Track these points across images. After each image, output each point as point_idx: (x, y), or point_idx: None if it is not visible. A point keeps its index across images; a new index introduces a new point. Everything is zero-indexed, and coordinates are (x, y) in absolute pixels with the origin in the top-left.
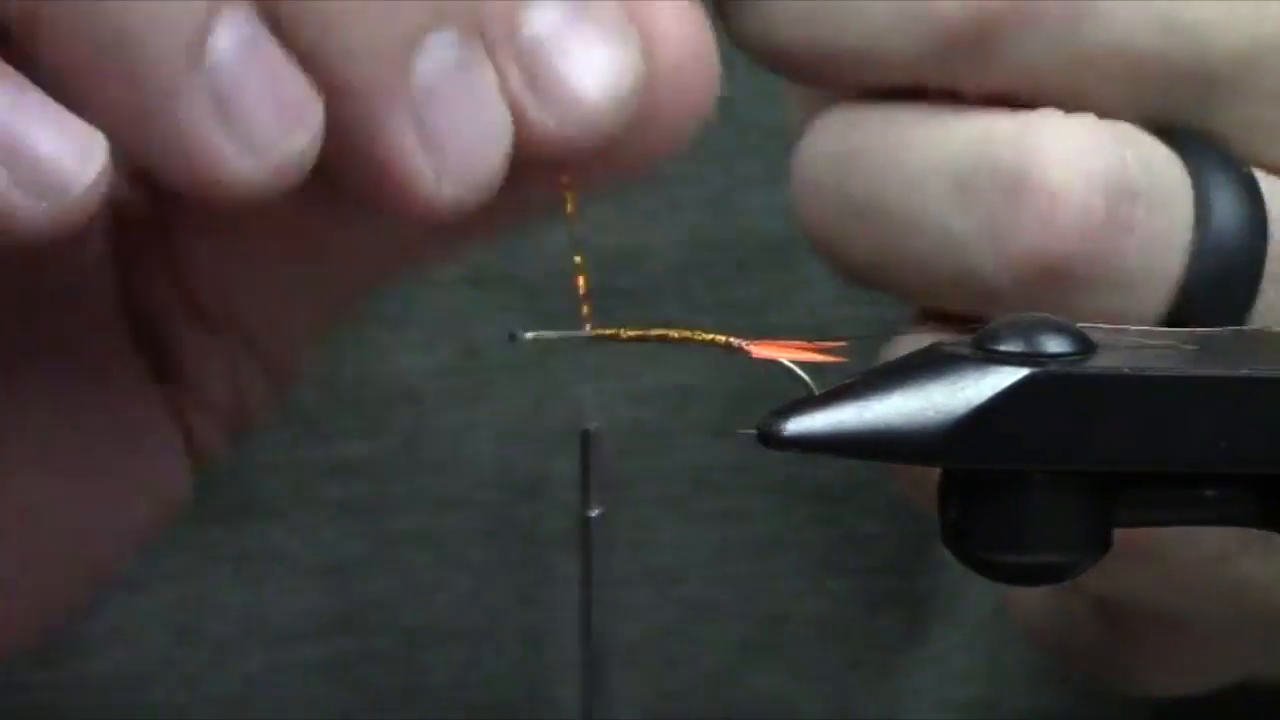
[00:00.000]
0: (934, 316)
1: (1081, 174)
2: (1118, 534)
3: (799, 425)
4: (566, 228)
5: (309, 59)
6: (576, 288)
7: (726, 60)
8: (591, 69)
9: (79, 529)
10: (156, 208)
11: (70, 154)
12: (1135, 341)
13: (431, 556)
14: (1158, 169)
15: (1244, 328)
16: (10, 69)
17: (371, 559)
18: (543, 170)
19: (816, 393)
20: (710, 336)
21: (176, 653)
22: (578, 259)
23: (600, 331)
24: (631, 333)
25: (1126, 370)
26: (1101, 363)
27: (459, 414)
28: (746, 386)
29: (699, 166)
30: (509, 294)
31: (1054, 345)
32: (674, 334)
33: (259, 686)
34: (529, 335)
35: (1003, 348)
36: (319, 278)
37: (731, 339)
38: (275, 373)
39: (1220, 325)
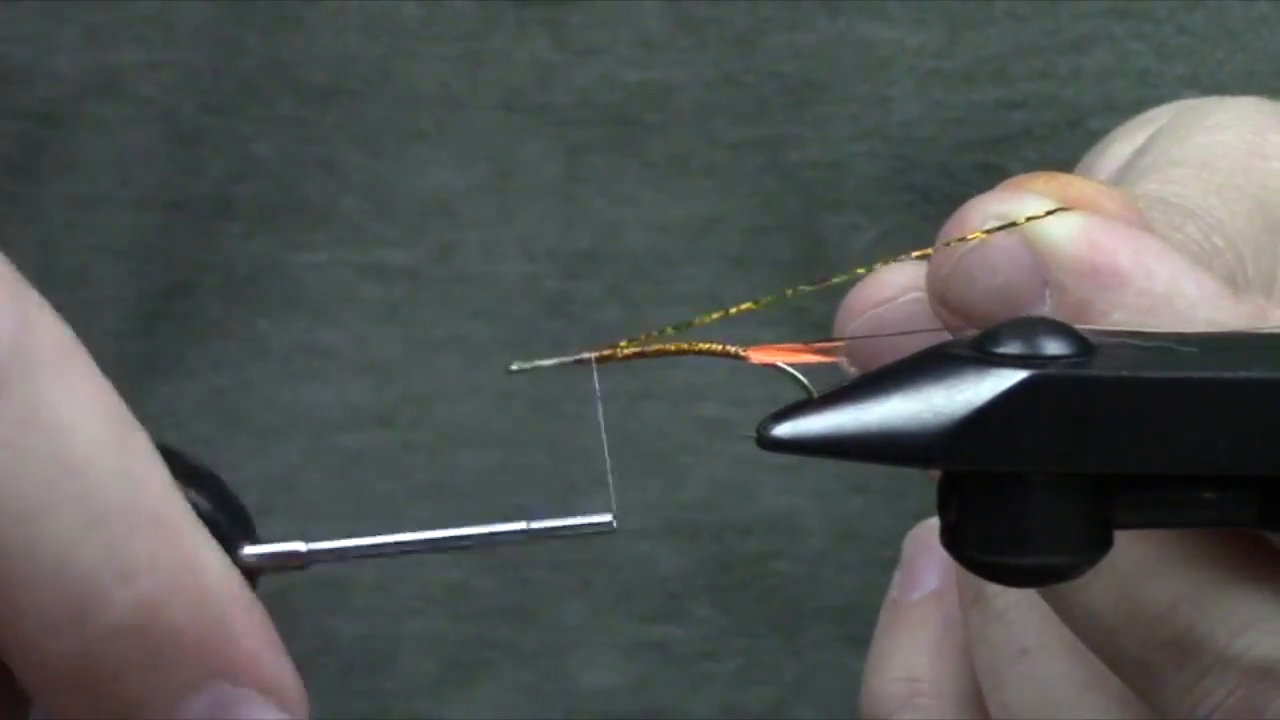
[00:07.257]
0: None
1: None
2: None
3: (797, 428)
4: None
5: None
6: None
7: None
8: None
9: None
10: None
11: None
12: (1134, 343)
13: (462, 361)
14: None
15: (1243, 329)
16: None
17: (406, 359)
18: None
19: (815, 395)
20: (706, 346)
21: (221, 437)
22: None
23: (596, 354)
24: (629, 350)
25: (1125, 373)
26: (1101, 365)
27: (489, 231)
28: (761, 221)
29: (726, 8)
30: (541, 121)
31: (1053, 347)
32: (671, 347)
33: (299, 473)
34: (521, 366)
35: (1002, 350)
36: None
37: (728, 347)
38: None
39: None
